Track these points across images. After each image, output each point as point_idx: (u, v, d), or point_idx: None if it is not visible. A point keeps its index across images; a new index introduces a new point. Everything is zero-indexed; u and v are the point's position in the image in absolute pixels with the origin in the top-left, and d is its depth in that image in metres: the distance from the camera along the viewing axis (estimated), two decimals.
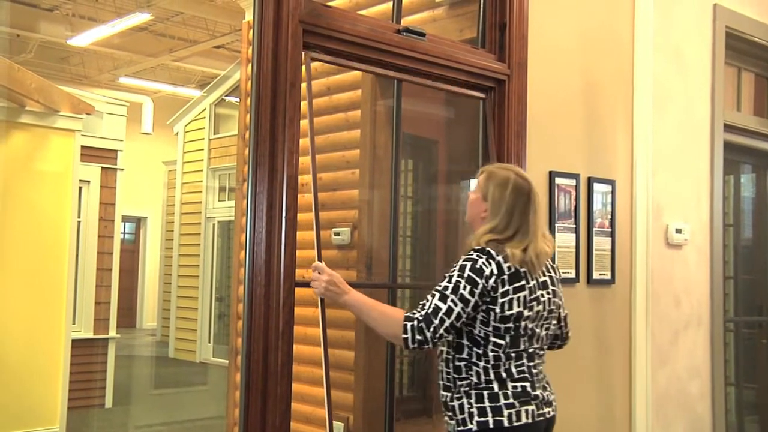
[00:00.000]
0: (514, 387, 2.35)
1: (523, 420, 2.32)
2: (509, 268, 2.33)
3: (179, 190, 12.09)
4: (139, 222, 14.77)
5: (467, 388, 2.33)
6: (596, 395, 3.67)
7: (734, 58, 4.56)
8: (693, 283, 4.08)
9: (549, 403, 2.42)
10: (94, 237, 7.63)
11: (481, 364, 2.34)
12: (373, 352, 4.34)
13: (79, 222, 7.17)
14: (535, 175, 3.38)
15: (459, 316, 2.28)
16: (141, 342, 13.25)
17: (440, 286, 2.32)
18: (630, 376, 3.79)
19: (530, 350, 2.41)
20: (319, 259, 2.63)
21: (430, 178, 5.26)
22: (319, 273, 2.53)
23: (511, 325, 2.33)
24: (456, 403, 2.34)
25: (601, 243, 3.69)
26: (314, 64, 4.74)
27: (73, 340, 6.66)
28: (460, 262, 2.34)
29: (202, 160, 11.72)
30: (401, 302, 4.87)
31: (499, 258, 2.33)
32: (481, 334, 2.33)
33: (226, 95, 11.46)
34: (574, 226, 3.58)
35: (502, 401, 2.32)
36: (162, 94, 14.30)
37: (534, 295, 2.40)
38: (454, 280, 2.30)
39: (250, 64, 2.68)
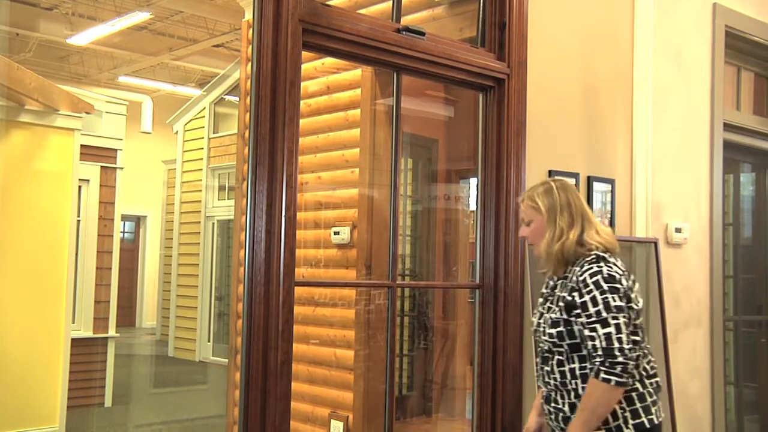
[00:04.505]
0: (651, 384, 2.38)
1: (661, 415, 2.38)
2: (622, 266, 2.37)
3: (179, 188, 12.08)
4: (138, 221, 14.76)
5: None
6: None
7: (734, 57, 4.56)
8: (693, 283, 4.08)
9: None
10: (94, 236, 7.62)
11: None
12: (373, 351, 4.35)
13: (78, 221, 7.17)
14: (535, 173, 3.38)
15: (626, 324, 2.26)
16: (140, 341, 13.25)
17: (590, 314, 2.27)
18: None
19: (648, 345, 2.46)
20: None
21: (429, 176, 5.26)
22: None
23: (641, 319, 2.36)
24: None
25: None
26: (314, 64, 4.76)
27: (73, 339, 6.66)
28: (590, 280, 2.29)
29: (202, 159, 11.71)
30: (401, 301, 4.88)
31: (612, 259, 2.36)
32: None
33: (226, 94, 11.45)
34: None
35: (648, 400, 2.34)
36: (161, 93, 14.29)
37: (636, 284, 2.43)
38: (599, 300, 2.26)
39: (249, 63, 2.68)
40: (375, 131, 4.43)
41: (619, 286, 2.28)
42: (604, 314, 2.25)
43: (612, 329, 2.23)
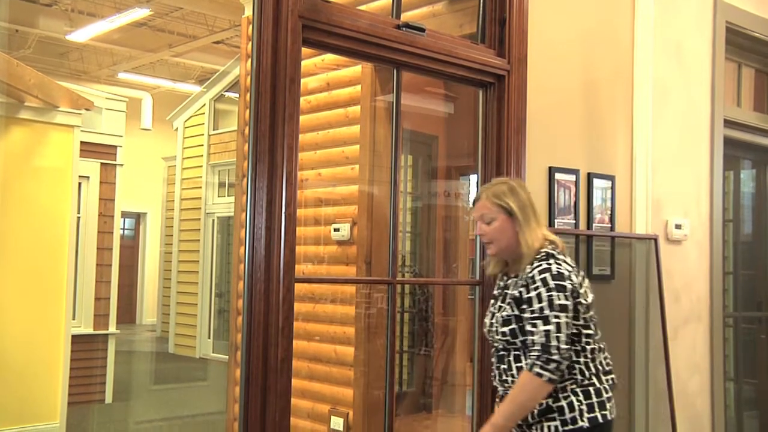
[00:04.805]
0: (607, 380, 2.41)
1: (614, 412, 2.40)
2: (568, 263, 2.40)
3: (179, 185, 12.07)
4: (138, 218, 14.76)
5: (574, 386, 2.35)
6: None
7: (734, 53, 4.55)
8: (693, 279, 4.08)
9: None
10: (94, 233, 7.62)
11: (582, 360, 2.37)
12: (373, 348, 4.35)
13: (78, 218, 7.16)
14: (535, 170, 3.38)
15: (568, 324, 2.30)
16: (141, 338, 13.25)
17: (534, 310, 2.31)
18: (629, 372, 3.79)
19: (602, 341, 2.48)
20: None
21: (429, 173, 5.26)
22: None
23: (591, 313, 2.40)
24: (564, 403, 2.33)
25: (600, 239, 3.69)
26: (314, 60, 4.75)
27: (73, 336, 6.65)
28: (538, 276, 2.33)
29: (202, 155, 11.70)
30: (401, 298, 4.88)
31: (561, 256, 2.40)
32: (575, 331, 2.35)
33: (226, 91, 11.44)
34: (574, 221, 3.57)
35: (605, 395, 2.37)
36: (161, 89, 14.27)
37: (586, 280, 2.46)
38: (544, 297, 2.30)
39: (249, 60, 2.68)
40: (375, 128, 4.43)
41: (566, 284, 2.31)
42: (547, 312, 2.29)
43: (552, 327, 2.27)
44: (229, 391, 5.51)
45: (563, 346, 2.26)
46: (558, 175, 3.51)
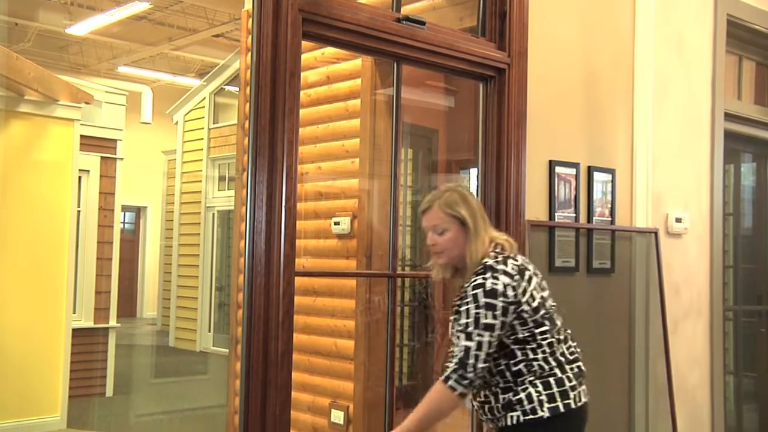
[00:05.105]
0: (572, 369, 2.41)
1: (583, 399, 2.41)
2: (514, 267, 2.36)
3: (179, 179, 12.07)
4: (138, 212, 14.76)
5: (532, 378, 2.35)
6: (596, 384, 3.67)
7: (735, 46, 4.55)
8: (693, 273, 4.08)
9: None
10: (94, 226, 7.62)
11: (540, 355, 2.36)
12: (374, 341, 4.35)
13: (78, 211, 7.16)
14: (535, 163, 3.38)
15: (490, 344, 2.30)
16: (141, 331, 13.27)
17: (461, 324, 2.32)
18: (629, 365, 3.80)
19: (567, 330, 2.49)
20: None
21: (429, 167, 5.25)
22: None
23: (543, 311, 2.38)
24: (523, 395, 2.34)
25: (601, 232, 3.69)
26: (314, 54, 4.74)
27: (74, 330, 6.67)
28: (470, 292, 2.33)
29: (202, 149, 11.70)
30: (401, 291, 4.88)
31: (501, 266, 2.35)
32: (526, 333, 2.36)
33: (226, 84, 11.43)
34: (574, 215, 3.57)
35: (567, 385, 2.37)
36: (161, 83, 14.26)
37: (538, 274, 2.46)
38: (472, 313, 2.30)
39: (249, 53, 2.67)
40: (375, 121, 4.43)
41: (497, 302, 2.29)
42: (471, 329, 2.29)
43: (473, 345, 2.28)
44: (230, 384, 5.52)
45: (480, 365, 2.28)
46: (558, 169, 3.51)
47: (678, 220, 3.97)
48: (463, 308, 2.32)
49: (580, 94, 3.64)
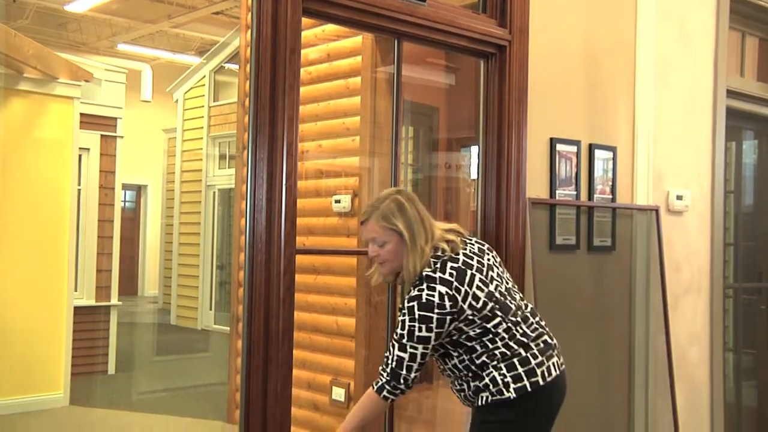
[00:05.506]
0: (537, 345, 2.41)
1: (554, 373, 2.41)
2: (452, 273, 2.33)
3: (179, 157, 12.05)
4: (139, 190, 14.75)
5: (495, 362, 2.36)
6: (596, 361, 3.69)
7: (738, 22, 4.51)
8: (693, 250, 4.08)
9: (558, 350, 2.50)
10: (95, 205, 7.61)
11: (500, 343, 2.37)
12: (374, 319, 4.37)
13: (79, 190, 7.16)
14: (536, 141, 3.38)
15: (424, 355, 2.32)
16: (143, 309, 13.31)
17: (397, 334, 2.33)
18: (630, 342, 3.81)
19: (526, 308, 2.48)
20: None
21: (430, 145, 5.24)
22: None
23: (491, 305, 2.37)
24: (488, 380, 2.36)
25: (601, 210, 3.69)
26: (315, 31, 4.71)
27: (76, 308, 6.69)
28: (407, 304, 2.32)
29: (202, 127, 11.66)
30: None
31: (438, 274, 2.33)
32: (478, 330, 2.36)
33: (226, 62, 11.37)
34: (575, 192, 3.57)
35: (533, 362, 2.37)
36: (161, 61, 14.18)
37: (483, 263, 2.42)
38: (407, 326, 2.30)
39: (249, 31, 2.65)
40: (376, 99, 4.41)
41: (432, 315, 2.28)
42: (405, 340, 2.30)
43: (407, 356, 2.30)
44: (231, 362, 5.55)
45: (413, 375, 2.32)
46: (559, 146, 3.50)
47: (679, 198, 3.96)
48: (400, 318, 2.33)
49: (581, 71, 3.63)
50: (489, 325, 2.35)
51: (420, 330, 2.28)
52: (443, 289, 2.30)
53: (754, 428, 4.88)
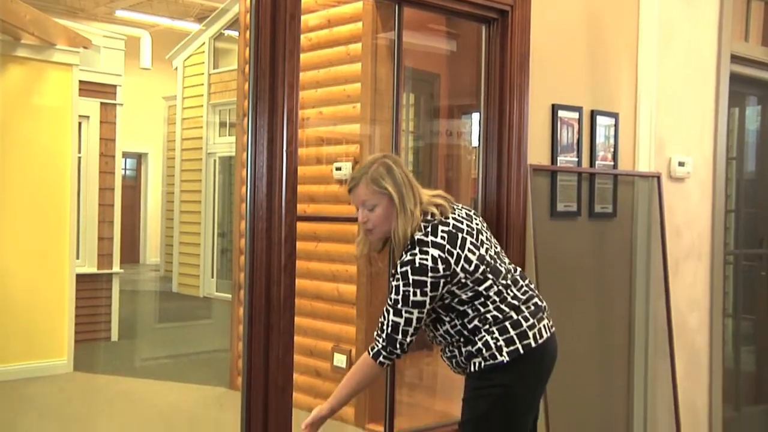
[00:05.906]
0: (527, 308, 2.41)
1: (545, 335, 2.42)
2: (443, 236, 2.33)
3: (179, 125, 12.00)
4: (139, 158, 14.71)
5: (487, 327, 2.36)
6: (597, 327, 3.71)
7: None
8: (694, 216, 4.08)
9: (548, 312, 2.51)
10: (95, 173, 7.60)
11: (491, 306, 2.37)
12: (375, 285, 4.38)
13: (79, 158, 7.14)
14: (538, 107, 3.36)
15: (420, 319, 2.32)
16: (145, 277, 13.36)
17: (391, 299, 2.32)
18: (630, 308, 3.83)
19: (516, 272, 2.49)
20: None
21: (431, 112, 5.22)
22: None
23: (482, 268, 2.37)
24: (481, 344, 2.36)
25: (603, 176, 3.68)
26: None
27: (78, 275, 6.71)
28: (400, 269, 2.31)
29: (202, 95, 11.60)
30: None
31: (430, 238, 2.32)
32: (470, 294, 2.36)
33: (225, 29, 11.28)
34: (577, 159, 3.56)
35: (525, 325, 2.38)
36: (160, 27, 14.05)
37: (473, 227, 2.42)
38: (401, 291, 2.29)
39: None
40: (376, 66, 4.38)
41: (426, 278, 2.28)
42: (400, 306, 2.30)
43: (402, 321, 2.30)
44: (233, 329, 5.58)
45: (408, 339, 2.32)
46: (561, 113, 3.48)
47: (681, 164, 3.95)
48: (393, 284, 2.32)
49: (583, 37, 3.59)
50: (480, 288, 2.36)
51: (414, 294, 2.29)
52: (436, 253, 2.30)
53: (753, 393, 4.92)
